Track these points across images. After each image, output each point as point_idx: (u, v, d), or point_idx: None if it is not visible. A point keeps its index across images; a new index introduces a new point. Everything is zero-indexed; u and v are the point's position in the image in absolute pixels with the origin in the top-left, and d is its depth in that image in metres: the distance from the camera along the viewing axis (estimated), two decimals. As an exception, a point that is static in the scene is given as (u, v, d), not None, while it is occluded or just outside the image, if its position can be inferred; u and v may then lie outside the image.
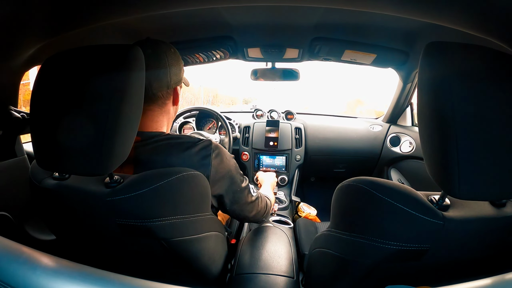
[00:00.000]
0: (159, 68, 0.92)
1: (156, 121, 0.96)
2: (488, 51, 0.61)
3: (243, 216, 1.12)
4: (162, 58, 0.93)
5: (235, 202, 1.03)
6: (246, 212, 1.11)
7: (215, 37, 1.64)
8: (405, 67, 1.87)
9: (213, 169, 0.91)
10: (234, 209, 1.05)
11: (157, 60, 0.92)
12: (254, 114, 2.61)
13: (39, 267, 0.48)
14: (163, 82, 0.94)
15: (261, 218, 1.27)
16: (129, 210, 0.74)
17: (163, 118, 0.98)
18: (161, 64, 0.93)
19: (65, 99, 0.67)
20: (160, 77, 0.93)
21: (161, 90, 0.94)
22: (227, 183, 0.98)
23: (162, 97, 0.96)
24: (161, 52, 0.93)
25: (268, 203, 1.34)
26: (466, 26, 0.85)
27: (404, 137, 2.26)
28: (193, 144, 0.90)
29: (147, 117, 0.93)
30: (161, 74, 0.93)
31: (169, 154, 0.87)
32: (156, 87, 0.93)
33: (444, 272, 0.81)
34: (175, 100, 1.02)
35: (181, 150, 0.88)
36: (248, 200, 1.10)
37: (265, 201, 1.29)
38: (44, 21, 0.94)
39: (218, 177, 0.93)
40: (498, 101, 0.57)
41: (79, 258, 0.63)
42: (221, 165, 0.94)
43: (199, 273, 0.96)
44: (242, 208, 1.07)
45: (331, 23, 1.39)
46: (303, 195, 2.88)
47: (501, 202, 0.72)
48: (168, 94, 0.98)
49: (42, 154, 0.70)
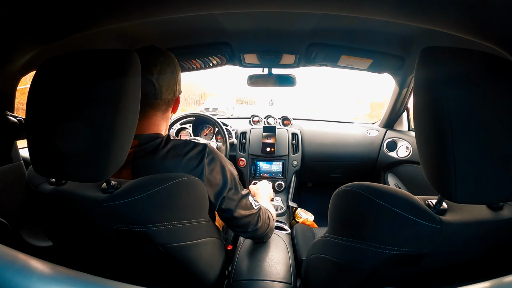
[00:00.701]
0: (171, 75, 0.94)
1: (157, 125, 0.96)
2: (484, 55, 0.62)
3: (241, 225, 1.05)
4: (172, 67, 0.95)
5: (231, 208, 0.99)
6: (243, 221, 1.04)
7: (212, 43, 1.64)
8: (401, 72, 1.88)
9: (207, 173, 0.90)
10: (230, 216, 1.00)
11: (169, 67, 0.93)
12: (250, 120, 2.61)
13: (35, 274, 0.47)
14: (172, 89, 0.95)
15: (263, 234, 1.17)
16: (126, 216, 0.73)
17: (163, 123, 0.99)
18: (171, 72, 0.94)
19: (61, 103, 0.67)
20: (170, 84, 0.94)
21: (169, 96, 0.95)
22: (224, 187, 0.96)
23: (167, 104, 0.97)
24: (171, 60, 0.95)
25: (271, 217, 1.25)
26: (461, 31, 0.86)
27: (400, 141, 2.27)
28: (189, 148, 0.90)
29: (150, 121, 0.93)
30: (171, 81, 0.94)
31: (165, 158, 0.87)
32: (166, 93, 0.93)
33: (443, 276, 0.81)
34: (175, 107, 1.03)
35: (177, 154, 0.88)
36: (247, 210, 1.04)
37: (266, 215, 1.20)
38: (42, 27, 0.94)
39: (212, 181, 0.92)
40: (494, 106, 0.58)
41: (76, 264, 0.62)
42: (216, 169, 0.93)
43: (197, 279, 0.96)
44: (238, 215, 1.01)
45: (328, 29, 1.40)
46: (300, 201, 2.88)
47: (498, 205, 0.73)
48: (173, 101, 1.00)
49: (38, 160, 0.70)
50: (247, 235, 1.12)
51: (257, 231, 1.11)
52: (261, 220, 1.12)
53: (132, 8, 0.96)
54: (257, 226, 1.10)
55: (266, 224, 1.18)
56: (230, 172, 0.98)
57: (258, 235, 1.15)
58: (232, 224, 1.05)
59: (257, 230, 1.11)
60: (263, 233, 1.17)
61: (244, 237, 1.37)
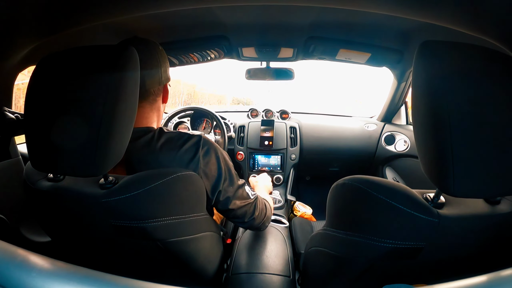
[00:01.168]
0: (152, 64, 0.93)
1: (146, 117, 0.96)
2: (482, 49, 0.62)
3: (238, 216, 1.06)
4: (154, 54, 0.94)
5: (227, 199, 0.99)
6: (240, 211, 1.05)
7: (209, 37, 1.63)
8: (399, 66, 1.87)
9: (203, 165, 0.89)
10: (227, 208, 1.01)
11: (150, 56, 0.92)
12: (249, 113, 2.61)
13: (34, 269, 0.47)
14: (155, 78, 0.94)
15: (260, 223, 1.18)
16: (124, 211, 0.74)
17: (153, 114, 0.98)
18: (153, 61, 0.93)
19: (60, 99, 0.67)
20: (153, 73, 0.93)
21: (153, 86, 0.95)
22: (219, 179, 0.95)
23: (153, 94, 0.96)
24: (152, 49, 0.94)
25: (267, 205, 1.26)
26: (460, 25, 0.85)
27: (398, 135, 2.27)
28: (183, 140, 0.89)
29: (138, 114, 0.92)
30: (153, 70, 0.93)
31: (160, 152, 0.87)
32: (149, 83, 0.93)
33: (440, 270, 0.81)
34: (164, 97, 1.03)
35: (172, 147, 0.88)
36: (243, 200, 1.05)
37: (263, 204, 1.21)
38: (38, 22, 0.94)
39: (208, 173, 0.91)
40: (492, 100, 0.58)
41: (75, 259, 0.62)
42: (211, 161, 0.92)
43: (195, 273, 0.96)
44: (235, 207, 1.02)
45: (326, 23, 1.39)
46: (298, 194, 2.88)
47: (496, 200, 0.73)
48: (159, 91, 0.99)
49: (36, 155, 0.70)
50: (245, 225, 1.13)
51: (254, 220, 1.11)
52: (257, 209, 1.13)
53: (129, 1, 0.95)
54: (253, 216, 1.10)
55: (263, 213, 1.18)
56: (225, 163, 0.97)
57: (256, 224, 1.15)
58: (228, 214, 1.05)
59: (254, 219, 1.11)
60: (260, 223, 1.17)
61: (242, 227, 1.40)
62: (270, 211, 1.29)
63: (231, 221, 1.12)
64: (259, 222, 1.16)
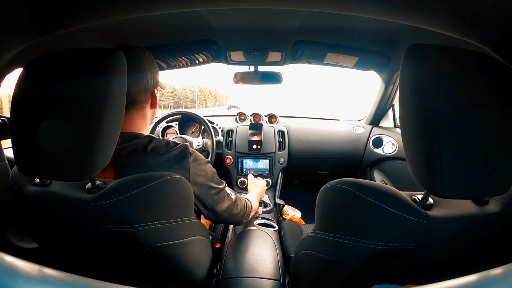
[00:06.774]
0: (136, 73, 0.93)
1: (134, 124, 0.96)
2: (469, 53, 0.63)
3: (223, 218, 1.13)
4: (139, 63, 0.94)
5: (214, 204, 1.04)
6: (225, 213, 1.12)
7: (198, 41, 1.63)
8: (387, 69, 1.90)
9: (192, 172, 0.92)
10: (214, 212, 1.06)
11: (133, 65, 0.92)
12: (237, 117, 2.60)
13: (21, 276, 0.46)
14: (141, 86, 0.94)
15: (241, 219, 1.29)
16: (112, 216, 0.73)
17: (141, 121, 0.99)
18: (138, 69, 0.93)
19: (47, 103, 0.66)
20: (138, 81, 0.93)
21: (140, 94, 0.95)
22: (205, 186, 0.99)
23: (141, 102, 0.97)
24: (136, 57, 0.94)
25: (248, 204, 1.36)
26: (447, 29, 0.86)
27: (386, 138, 2.29)
28: (171, 147, 0.92)
29: (126, 121, 0.92)
30: (138, 78, 0.93)
31: (148, 157, 0.88)
32: (135, 91, 0.93)
33: (430, 270, 0.82)
34: (153, 103, 1.03)
35: (160, 153, 0.89)
36: (227, 202, 1.12)
37: (244, 202, 1.31)
38: (25, 23, 0.92)
39: (196, 180, 0.95)
40: (478, 102, 0.58)
41: (63, 265, 0.61)
42: (198, 168, 0.96)
43: (185, 278, 0.96)
44: (221, 210, 1.08)
45: (314, 27, 1.40)
46: (287, 198, 2.89)
47: (484, 200, 0.74)
48: (147, 98, 0.99)
49: (23, 160, 0.69)
50: (219, 222, 1.21)
51: (234, 217, 1.21)
52: (238, 207, 1.23)
53: (117, 4, 0.95)
54: (234, 213, 1.20)
55: (243, 211, 1.29)
56: (211, 170, 1.04)
57: (236, 220, 1.26)
58: (213, 217, 1.10)
59: (234, 216, 1.21)
60: (240, 219, 1.28)
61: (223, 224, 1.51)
62: (250, 208, 1.39)
63: (213, 221, 1.17)
64: (239, 218, 1.27)
